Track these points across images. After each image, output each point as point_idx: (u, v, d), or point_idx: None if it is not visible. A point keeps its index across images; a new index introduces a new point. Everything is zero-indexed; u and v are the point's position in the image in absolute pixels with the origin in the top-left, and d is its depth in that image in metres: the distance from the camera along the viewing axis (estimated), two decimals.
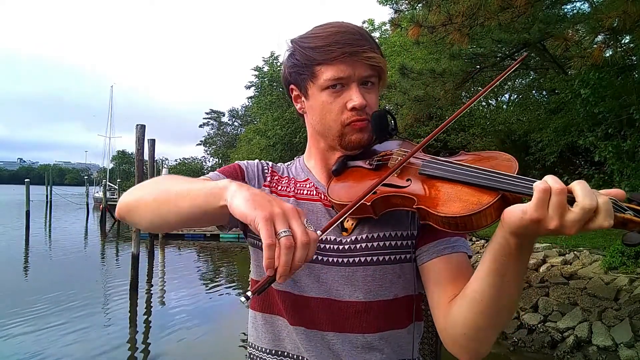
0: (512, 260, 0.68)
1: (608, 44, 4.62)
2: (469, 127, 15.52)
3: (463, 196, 0.72)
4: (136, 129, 10.34)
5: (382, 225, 0.89)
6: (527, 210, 0.61)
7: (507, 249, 0.67)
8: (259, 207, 0.63)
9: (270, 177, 1.01)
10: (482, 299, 0.72)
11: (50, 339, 6.25)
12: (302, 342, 0.90)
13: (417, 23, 5.15)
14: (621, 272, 6.16)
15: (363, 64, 0.87)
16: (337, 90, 0.88)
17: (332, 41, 0.86)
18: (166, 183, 0.82)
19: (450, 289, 0.83)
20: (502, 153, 0.79)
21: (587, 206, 0.58)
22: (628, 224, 0.59)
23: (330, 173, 0.96)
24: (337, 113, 0.90)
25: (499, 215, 0.68)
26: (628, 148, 6.62)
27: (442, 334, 0.83)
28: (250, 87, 31.00)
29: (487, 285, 0.71)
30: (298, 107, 0.98)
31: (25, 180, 24.05)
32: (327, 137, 0.94)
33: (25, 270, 11.67)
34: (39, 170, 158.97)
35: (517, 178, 0.68)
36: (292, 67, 0.93)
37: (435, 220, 0.73)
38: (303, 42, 0.91)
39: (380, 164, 0.90)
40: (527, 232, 0.63)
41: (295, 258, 0.61)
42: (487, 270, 0.71)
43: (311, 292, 0.90)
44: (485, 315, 0.73)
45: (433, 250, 0.87)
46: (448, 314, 0.80)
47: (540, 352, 5.50)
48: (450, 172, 0.76)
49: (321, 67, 0.88)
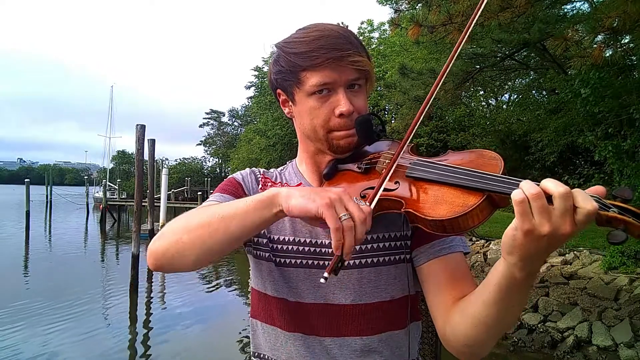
0: (517, 289, 0.67)
1: (608, 44, 4.62)
2: (469, 127, 15.54)
3: (449, 198, 0.72)
4: (136, 129, 10.35)
5: (376, 227, 0.88)
6: (516, 226, 0.60)
7: (512, 280, 0.65)
8: (318, 199, 0.69)
9: (263, 185, 1.01)
10: (486, 321, 0.72)
11: (50, 339, 6.25)
12: (298, 349, 0.90)
13: (417, 23, 5.15)
14: (621, 272, 6.16)
15: (349, 68, 0.86)
16: (324, 95, 0.87)
17: (316, 46, 0.85)
18: (199, 215, 0.79)
19: (449, 291, 0.83)
20: (488, 151, 0.79)
21: (563, 193, 0.57)
22: (612, 221, 0.58)
23: (322, 177, 0.96)
24: (324, 119, 0.89)
25: (486, 215, 0.69)
26: (628, 148, 6.61)
27: (442, 339, 0.83)
28: (250, 87, 31.05)
29: (492, 311, 0.71)
30: (286, 111, 0.97)
31: (25, 180, 24.09)
32: (315, 141, 0.94)
33: (25, 271, 11.67)
34: (39, 170, 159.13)
35: (501, 178, 0.68)
36: (278, 74, 0.92)
37: (423, 223, 0.74)
38: (287, 47, 0.89)
39: (369, 167, 0.90)
40: (528, 250, 0.61)
41: (357, 234, 0.67)
42: (493, 299, 0.70)
43: (307, 298, 0.90)
44: (487, 332, 0.74)
45: (430, 252, 0.87)
46: (449, 323, 0.80)
47: (540, 352, 5.51)
48: (436, 174, 0.76)
49: (306, 73, 0.86)
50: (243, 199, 0.77)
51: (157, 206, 16.25)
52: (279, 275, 0.93)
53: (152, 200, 14.98)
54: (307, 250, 0.92)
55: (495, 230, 9.36)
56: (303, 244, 0.92)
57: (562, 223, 0.58)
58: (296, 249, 0.92)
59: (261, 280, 0.97)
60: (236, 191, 0.96)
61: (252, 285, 1.02)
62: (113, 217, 28.06)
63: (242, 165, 29.29)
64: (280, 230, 0.95)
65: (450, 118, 16.48)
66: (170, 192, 30.45)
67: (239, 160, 31.03)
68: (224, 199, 0.93)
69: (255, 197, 0.75)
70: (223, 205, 0.79)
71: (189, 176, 42.29)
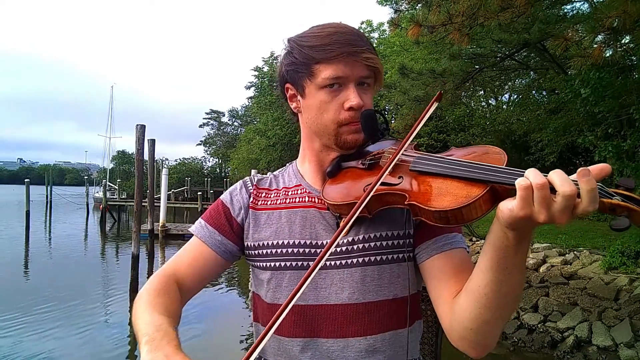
0: (511, 252, 0.68)
1: (608, 43, 4.61)
2: (469, 127, 15.55)
3: (453, 190, 0.72)
4: (136, 129, 10.34)
5: (378, 225, 0.90)
6: (513, 208, 0.61)
7: (505, 241, 0.67)
8: None
9: (255, 197, 1.01)
10: (485, 292, 0.72)
11: (50, 339, 6.25)
12: (300, 354, 0.89)
13: (417, 23, 5.14)
14: (621, 272, 6.16)
15: (361, 65, 0.88)
16: (335, 89, 0.89)
17: (332, 41, 0.87)
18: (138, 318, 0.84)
19: (453, 285, 0.83)
20: (492, 146, 0.79)
21: (567, 193, 0.58)
22: (616, 209, 0.59)
23: (325, 175, 0.97)
24: (334, 112, 0.90)
25: (489, 207, 0.69)
26: (628, 148, 6.61)
27: (448, 330, 0.83)
28: (250, 87, 31.07)
29: (489, 278, 0.71)
30: (293, 106, 0.98)
31: (25, 180, 24.05)
32: (322, 136, 0.94)
33: (26, 271, 11.67)
34: (39, 170, 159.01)
35: (505, 170, 0.68)
36: (290, 65, 0.93)
37: (427, 215, 0.74)
38: (301, 40, 0.91)
39: (373, 163, 0.91)
40: (521, 226, 0.64)
41: None
42: (488, 264, 0.71)
43: (309, 301, 0.90)
44: (490, 309, 0.73)
45: (432, 248, 0.87)
46: (453, 310, 0.80)
47: (540, 352, 5.50)
48: (440, 167, 0.77)
49: (319, 66, 0.88)
50: (142, 324, 0.78)
51: (157, 206, 16.26)
52: (279, 280, 0.93)
53: (152, 201, 14.97)
54: (306, 252, 0.92)
55: None
56: (302, 246, 0.93)
57: (560, 216, 0.59)
58: (296, 252, 0.92)
59: (260, 286, 0.98)
60: (219, 222, 0.99)
61: (253, 290, 1.02)
62: (113, 217, 28.06)
63: (242, 165, 29.32)
64: (278, 234, 0.95)
65: (450, 118, 16.48)
66: (170, 192, 30.49)
67: (239, 160, 31.05)
68: (207, 231, 0.98)
69: (140, 332, 0.77)
70: (139, 319, 0.81)
71: (189, 176, 42.35)
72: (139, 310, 0.84)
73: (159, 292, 0.89)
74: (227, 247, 0.98)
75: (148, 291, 0.90)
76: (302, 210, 0.96)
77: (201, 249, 0.98)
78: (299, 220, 0.94)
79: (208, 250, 0.97)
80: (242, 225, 0.99)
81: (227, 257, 0.99)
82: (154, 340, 0.72)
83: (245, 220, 0.99)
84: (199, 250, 0.98)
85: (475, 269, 0.75)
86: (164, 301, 0.86)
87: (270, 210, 0.98)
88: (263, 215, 0.98)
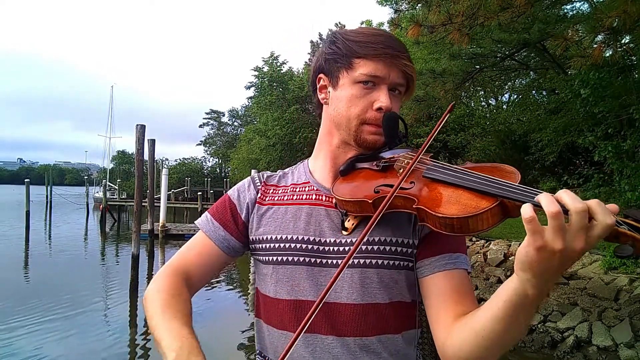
0: (528, 307, 0.67)
1: (608, 43, 4.61)
2: (469, 127, 15.53)
3: (463, 200, 0.73)
4: (136, 129, 10.35)
5: (383, 229, 0.89)
6: (528, 243, 0.60)
7: (524, 298, 0.65)
8: None
9: (263, 193, 1.02)
10: (491, 337, 0.72)
11: (50, 339, 6.25)
12: (301, 349, 0.90)
13: (417, 23, 5.14)
14: (621, 272, 6.16)
15: (398, 70, 0.91)
16: (369, 87, 0.91)
17: (377, 40, 0.90)
18: (153, 319, 0.88)
19: (450, 306, 0.83)
20: (506, 165, 0.80)
21: (580, 208, 0.57)
22: (621, 237, 0.60)
23: (337, 173, 0.97)
24: (361, 108, 0.92)
25: (497, 221, 0.69)
26: (628, 148, 6.61)
27: (440, 348, 0.83)
28: (250, 87, 30.97)
29: (499, 327, 0.70)
30: (321, 97, 0.99)
31: (25, 180, 24.07)
32: (343, 130, 0.95)
33: (25, 271, 11.67)
34: (39, 170, 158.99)
35: (517, 187, 0.69)
36: (330, 54, 0.94)
37: (432, 221, 0.74)
38: (347, 34, 0.94)
39: (387, 166, 0.91)
40: (541, 266, 0.61)
41: None
42: (500, 315, 0.69)
43: (309, 296, 0.90)
44: (490, 349, 0.73)
45: (435, 265, 0.87)
46: (451, 336, 0.80)
47: (540, 352, 5.50)
48: (453, 176, 0.77)
49: (360, 61, 0.90)
50: (165, 333, 0.80)
51: (157, 206, 16.25)
52: (281, 275, 0.93)
53: (152, 201, 14.98)
54: (309, 248, 0.92)
55: (495, 231, 9.36)
56: (305, 242, 0.93)
57: (576, 239, 0.58)
58: (299, 247, 0.93)
59: (263, 281, 0.98)
60: (224, 217, 1.00)
61: (256, 286, 1.03)
62: (113, 217, 28.06)
63: (242, 165, 29.27)
64: (282, 228, 0.95)
65: (450, 118, 16.46)
66: (170, 192, 30.48)
67: (238, 161, 30.99)
68: (212, 226, 1.00)
69: (164, 343, 0.78)
70: (159, 326, 0.83)
71: (189, 176, 42.32)
72: (155, 313, 0.86)
73: (173, 292, 0.91)
74: (230, 244, 0.99)
75: (160, 291, 0.91)
76: (309, 207, 0.96)
77: (205, 243, 0.99)
78: (305, 217, 0.95)
79: (212, 245, 0.99)
80: (247, 221, 1.00)
81: (230, 253, 1.00)
82: (180, 358, 0.74)
83: (251, 216, 1.00)
84: (204, 245, 0.99)
85: (483, 312, 0.74)
86: (177, 302, 0.88)
87: (277, 206, 0.99)
88: (269, 210, 0.99)
